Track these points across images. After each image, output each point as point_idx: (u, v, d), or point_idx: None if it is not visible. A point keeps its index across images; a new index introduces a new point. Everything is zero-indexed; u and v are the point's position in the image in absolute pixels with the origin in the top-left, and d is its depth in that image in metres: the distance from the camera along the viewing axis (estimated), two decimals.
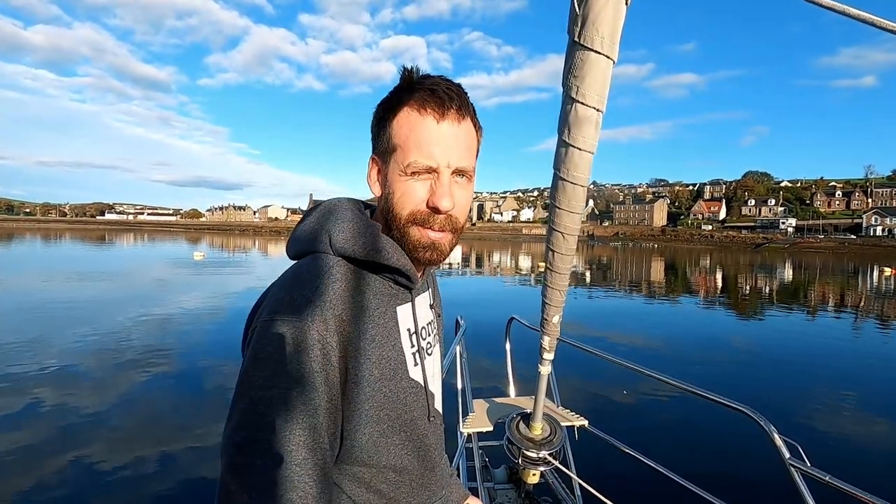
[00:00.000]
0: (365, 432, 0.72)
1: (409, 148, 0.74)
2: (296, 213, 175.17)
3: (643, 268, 32.53)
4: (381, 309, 0.77)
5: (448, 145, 0.74)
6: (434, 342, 0.93)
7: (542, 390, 1.48)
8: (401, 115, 0.75)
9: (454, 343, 2.19)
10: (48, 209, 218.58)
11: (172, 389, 6.05)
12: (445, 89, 0.74)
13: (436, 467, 0.87)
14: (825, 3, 0.75)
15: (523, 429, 1.60)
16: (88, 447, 4.40)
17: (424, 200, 0.75)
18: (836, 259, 52.37)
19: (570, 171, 0.98)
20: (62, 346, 7.79)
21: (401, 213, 0.76)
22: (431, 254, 0.78)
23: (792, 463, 1.24)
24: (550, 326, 1.21)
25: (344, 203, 0.84)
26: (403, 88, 0.76)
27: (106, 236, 68.02)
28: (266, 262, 29.84)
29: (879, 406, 6.19)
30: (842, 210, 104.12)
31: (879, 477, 4.29)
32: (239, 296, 14.19)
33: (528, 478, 1.67)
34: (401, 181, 0.75)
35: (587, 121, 0.96)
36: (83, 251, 35.69)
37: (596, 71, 0.94)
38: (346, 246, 0.75)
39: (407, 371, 0.79)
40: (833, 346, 9.81)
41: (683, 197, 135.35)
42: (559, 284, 1.11)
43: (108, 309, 11.34)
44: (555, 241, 1.05)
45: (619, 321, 11.85)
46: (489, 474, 1.97)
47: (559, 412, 1.98)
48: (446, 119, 0.74)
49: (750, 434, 1.43)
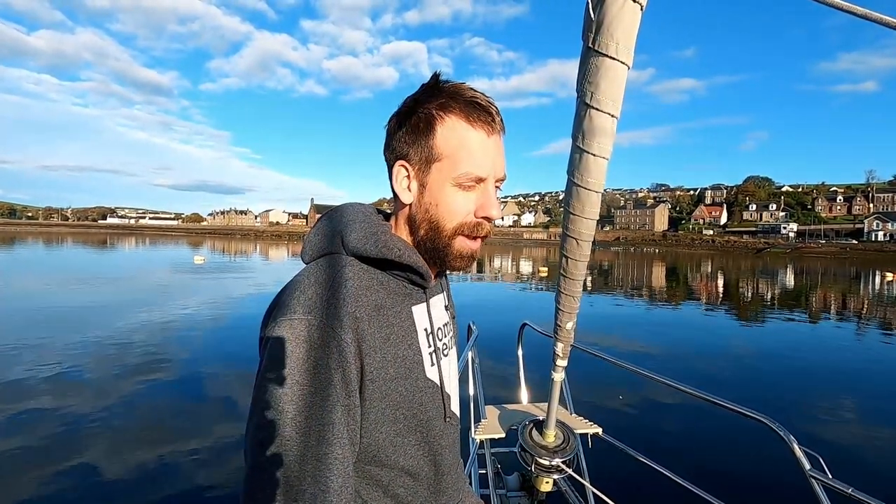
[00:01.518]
0: (382, 431, 0.73)
1: (459, 159, 0.75)
2: (297, 218, 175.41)
3: (645, 273, 32.47)
4: (396, 308, 0.78)
5: (495, 157, 0.78)
6: (450, 344, 0.93)
7: (556, 397, 1.47)
8: (447, 124, 0.76)
9: (466, 349, 2.18)
10: (50, 213, 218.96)
11: (172, 394, 6.02)
12: (488, 102, 0.77)
13: (450, 471, 0.86)
14: (832, 1, 0.75)
15: (536, 436, 1.59)
16: (88, 452, 4.37)
17: (472, 211, 0.78)
18: (837, 264, 52.23)
19: (584, 176, 0.98)
20: (61, 351, 7.77)
21: (448, 224, 0.78)
22: (467, 262, 0.81)
23: (813, 474, 1.21)
24: (564, 333, 1.20)
25: (355, 206, 0.86)
26: (441, 96, 0.77)
27: (108, 240, 68.07)
28: (267, 266, 29.84)
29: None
30: (843, 215, 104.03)
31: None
32: (239, 300, 14.14)
33: (540, 485, 1.65)
34: (448, 192, 0.77)
35: (602, 127, 0.96)
36: (84, 255, 35.72)
37: (611, 77, 0.94)
38: (359, 245, 0.77)
39: (423, 371, 0.80)
40: (844, 354, 9.76)
41: (684, 202, 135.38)
42: (573, 290, 1.10)
43: (106, 313, 11.32)
44: (569, 247, 1.05)
45: (623, 327, 11.81)
46: (501, 481, 1.95)
47: (572, 419, 1.96)
48: (494, 132, 0.78)
49: (768, 444, 1.42)
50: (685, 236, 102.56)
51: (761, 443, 4.40)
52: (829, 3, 0.74)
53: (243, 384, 6.30)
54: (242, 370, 6.92)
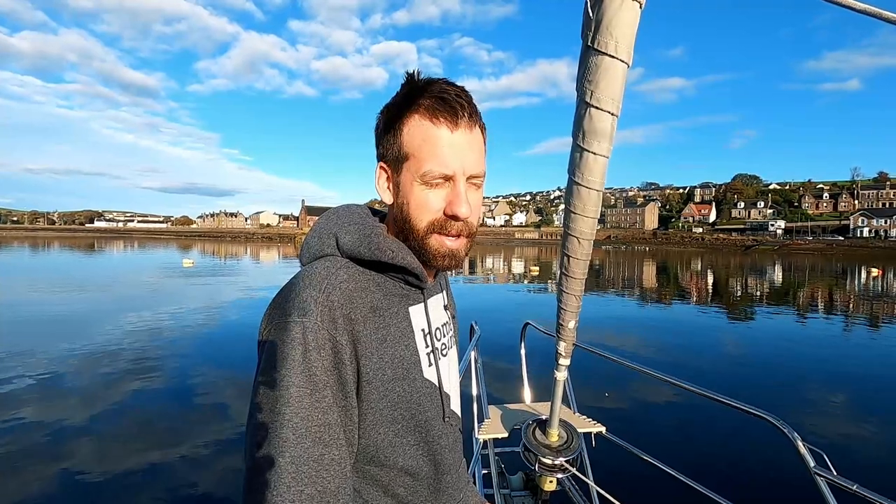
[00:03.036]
0: (380, 431, 0.73)
1: (423, 157, 0.74)
2: (288, 219, 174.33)
3: (636, 271, 32.69)
4: (392, 309, 0.78)
5: (463, 153, 0.75)
6: (450, 344, 0.93)
7: (559, 396, 1.47)
8: (411, 123, 0.75)
9: (469, 349, 2.19)
10: (36, 217, 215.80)
11: (158, 400, 5.93)
12: (455, 97, 0.75)
13: (451, 471, 0.86)
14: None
15: (539, 435, 1.59)
16: (75, 458, 4.31)
17: (441, 209, 0.76)
18: (824, 260, 52.99)
19: (584, 175, 0.98)
20: (47, 357, 7.65)
21: (419, 223, 0.77)
22: (449, 261, 0.79)
23: (817, 471, 1.20)
24: (566, 332, 1.20)
25: (350, 208, 0.87)
26: (410, 94, 0.76)
27: (95, 244, 67.20)
28: (257, 269, 29.63)
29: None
30: (829, 212, 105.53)
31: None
32: (228, 304, 13.99)
33: (544, 485, 1.66)
34: (416, 190, 0.76)
35: (602, 125, 0.96)
36: (71, 259, 35.24)
37: (610, 75, 0.94)
38: (353, 247, 0.77)
39: (421, 371, 0.80)
40: (836, 349, 9.89)
41: (674, 200, 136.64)
42: (575, 289, 1.10)
43: (92, 319, 11.16)
44: (570, 246, 1.05)
45: (617, 325, 11.88)
46: (505, 481, 1.95)
47: (576, 418, 1.97)
48: (459, 128, 0.75)
49: (772, 441, 1.42)
50: (675, 234, 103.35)
51: (765, 440, 4.41)
52: (833, 1, 0.75)
53: (231, 388, 6.24)
54: (231, 375, 6.86)
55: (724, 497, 1.48)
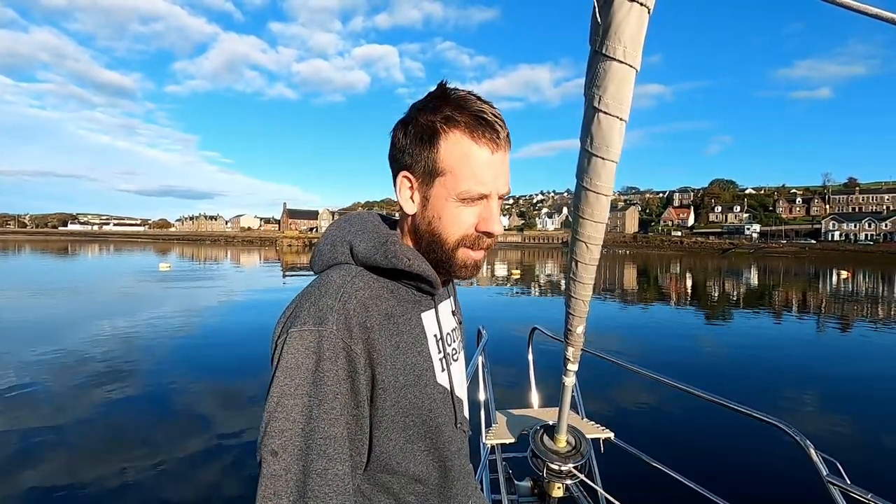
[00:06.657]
0: (392, 438, 0.74)
1: (462, 176, 0.74)
2: (269, 223, 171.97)
3: (618, 274, 33.14)
4: (406, 316, 0.78)
5: (499, 174, 0.77)
6: (459, 349, 0.94)
7: (567, 402, 1.47)
8: (451, 139, 0.75)
9: (476, 354, 2.17)
10: (6, 220, 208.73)
11: (131, 409, 5.75)
12: (494, 117, 0.76)
13: (460, 477, 0.87)
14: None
15: (547, 441, 1.58)
16: (42, 471, 4.16)
17: (473, 224, 0.77)
18: (797, 263, 54.52)
19: (593, 180, 0.98)
20: (15, 366, 7.37)
21: (450, 238, 0.78)
22: (471, 272, 0.81)
23: (830, 480, 1.19)
24: (574, 337, 1.20)
25: (363, 216, 0.87)
26: (446, 108, 0.75)
27: (69, 248, 65.36)
28: (237, 273, 29.13)
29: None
30: (802, 216, 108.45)
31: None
32: (204, 310, 13.67)
33: (552, 491, 1.65)
34: (450, 206, 0.76)
35: (610, 130, 0.96)
36: (42, 264, 34.19)
37: (619, 80, 0.94)
38: (368, 255, 0.77)
39: (434, 377, 0.81)
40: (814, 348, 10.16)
41: (654, 204, 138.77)
42: (583, 294, 1.10)
43: (63, 325, 10.79)
44: (578, 251, 1.04)
45: (607, 329, 11.99)
46: (513, 487, 1.94)
47: (584, 424, 1.96)
48: (500, 149, 0.76)
49: (783, 449, 1.42)
50: (655, 238, 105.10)
51: (777, 447, 4.36)
52: (832, 1, 0.76)
53: (208, 397, 6.10)
54: (207, 382, 6.71)
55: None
